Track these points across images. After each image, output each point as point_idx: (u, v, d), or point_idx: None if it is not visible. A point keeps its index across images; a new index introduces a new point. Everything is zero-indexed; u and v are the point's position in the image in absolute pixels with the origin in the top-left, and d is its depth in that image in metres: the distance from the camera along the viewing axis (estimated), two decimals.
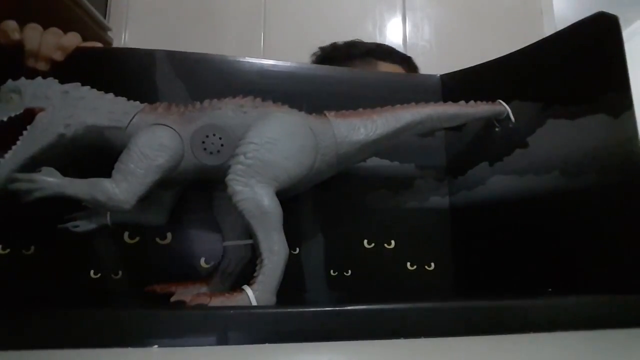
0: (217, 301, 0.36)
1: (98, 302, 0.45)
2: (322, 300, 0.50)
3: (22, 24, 0.50)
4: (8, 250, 0.47)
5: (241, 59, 0.55)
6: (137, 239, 0.48)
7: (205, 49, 0.56)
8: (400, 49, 1.48)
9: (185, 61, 0.53)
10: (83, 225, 0.46)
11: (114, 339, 0.30)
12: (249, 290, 0.37)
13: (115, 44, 1.27)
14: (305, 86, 0.55)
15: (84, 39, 0.52)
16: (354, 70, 0.58)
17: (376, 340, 0.32)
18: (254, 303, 0.37)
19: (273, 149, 0.42)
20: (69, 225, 0.46)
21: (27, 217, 0.47)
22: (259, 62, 0.55)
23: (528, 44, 0.53)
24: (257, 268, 0.39)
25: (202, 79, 0.53)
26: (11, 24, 0.50)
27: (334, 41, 0.90)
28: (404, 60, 0.84)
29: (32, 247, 0.47)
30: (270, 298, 0.38)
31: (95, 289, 0.47)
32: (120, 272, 0.48)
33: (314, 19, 1.45)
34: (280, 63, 0.56)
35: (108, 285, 0.47)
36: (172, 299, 0.38)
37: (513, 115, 0.52)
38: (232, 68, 0.54)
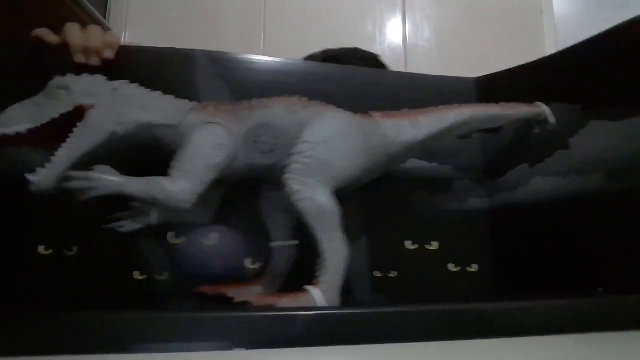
0: (285, 302, 0.35)
1: (147, 305, 0.44)
2: (370, 301, 0.49)
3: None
4: (51, 251, 0.46)
5: (280, 60, 0.54)
6: (183, 239, 0.48)
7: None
8: (400, 49, 1.48)
9: (225, 61, 0.53)
10: (128, 226, 0.45)
11: (190, 341, 0.29)
12: (314, 291, 0.37)
13: None
14: (341, 88, 0.55)
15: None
16: (390, 72, 0.58)
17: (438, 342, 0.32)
18: (320, 304, 0.36)
19: (329, 148, 0.41)
20: (115, 225, 0.45)
21: (70, 218, 0.46)
22: (298, 63, 0.55)
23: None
24: (319, 268, 0.39)
25: (243, 79, 0.52)
26: (41, 30, 0.49)
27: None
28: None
29: (75, 248, 0.46)
30: (335, 298, 0.38)
31: (142, 291, 0.46)
32: (165, 273, 0.47)
33: (314, 19, 1.45)
34: (317, 64, 0.56)
35: (154, 286, 0.46)
36: (236, 300, 0.37)
37: (553, 116, 0.52)
38: (272, 69, 0.54)
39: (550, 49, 1.41)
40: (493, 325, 0.34)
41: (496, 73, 0.59)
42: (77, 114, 0.40)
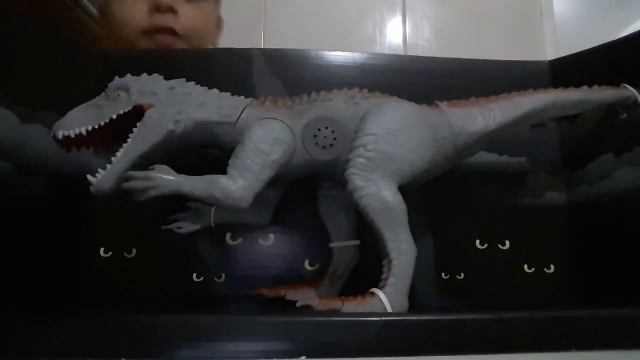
0: (350, 306, 0.33)
1: (206, 307, 0.43)
2: (437, 305, 0.46)
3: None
4: (110, 254, 0.46)
5: (336, 53, 0.52)
6: (240, 240, 0.46)
7: None
8: (400, 49, 1.47)
9: (280, 57, 0.51)
10: (186, 227, 0.45)
11: (252, 347, 0.27)
12: (381, 294, 0.34)
13: None
14: (403, 78, 0.52)
15: (84, 39, 0.51)
16: (455, 59, 0.54)
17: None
18: (389, 308, 0.34)
19: (394, 141, 0.38)
20: (173, 226, 0.45)
21: (129, 220, 0.46)
22: (355, 55, 0.52)
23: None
24: (385, 269, 0.36)
25: (299, 74, 0.50)
26: None
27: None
28: None
29: (134, 250, 0.46)
30: (404, 302, 0.35)
31: (200, 293, 0.45)
32: (223, 275, 0.45)
33: (314, 19, 1.44)
34: (376, 55, 0.53)
35: (212, 289, 0.45)
36: (298, 304, 0.35)
37: None
38: (328, 62, 0.52)
39: (550, 49, 1.38)
40: (576, 335, 0.30)
41: (573, 54, 0.54)
42: (137, 114, 0.40)
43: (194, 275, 0.45)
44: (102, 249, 0.46)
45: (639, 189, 0.46)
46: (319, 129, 0.40)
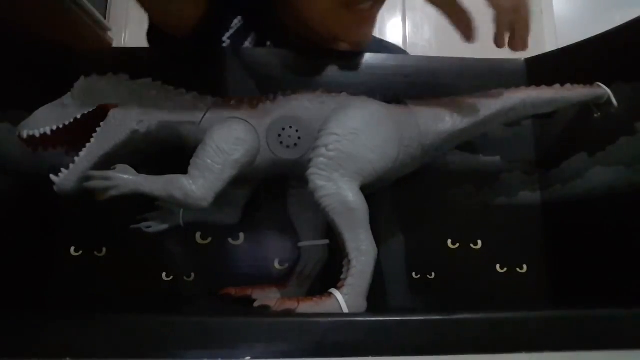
0: (305, 307, 0.33)
1: (174, 306, 0.43)
2: (407, 305, 0.46)
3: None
4: (80, 252, 0.46)
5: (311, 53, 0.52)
6: (209, 239, 0.46)
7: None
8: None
9: (252, 56, 0.51)
10: (155, 226, 0.45)
11: (202, 348, 0.27)
12: (338, 295, 0.34)
13: (115, 44, 1.22)
14: (378, 77, 0.51)
15: (84, 39, 0.50)
16: (430, 57, 0.54)
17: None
18: (345, 309, 0.33)
19: (356, 141, 0.38)
20: (142, 225, 0.45)
21: (99, 219, 0.46)
22: (327, 55, 0.52)
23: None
24: (344, 270, 0.36)
25: (270, 73, 0.50)
26: None
27: None
28: None
29: (104, 249, 0.46)
30: (361, 303, 0.35)
31: (169, 292, 0.45)
32: (192, 274, 0.46)
33: None
34: (350, 54, 0.53)
35: (181, 288, 0.45)
36: (256, 305, 0.35)
37: (615, 98, 0.46)
38: (301, 61, 0.51)
39: (550, 49, 1.37)
40: (543, 337, 0.29)
41: (549, 52, 0.53)
42: (102, 114, 0.40)
43: (164, 274, 0.45)
44: (72, 248, 0.46)
45: (611, 189, 0.45)
46: (283, 129, 0.40)
